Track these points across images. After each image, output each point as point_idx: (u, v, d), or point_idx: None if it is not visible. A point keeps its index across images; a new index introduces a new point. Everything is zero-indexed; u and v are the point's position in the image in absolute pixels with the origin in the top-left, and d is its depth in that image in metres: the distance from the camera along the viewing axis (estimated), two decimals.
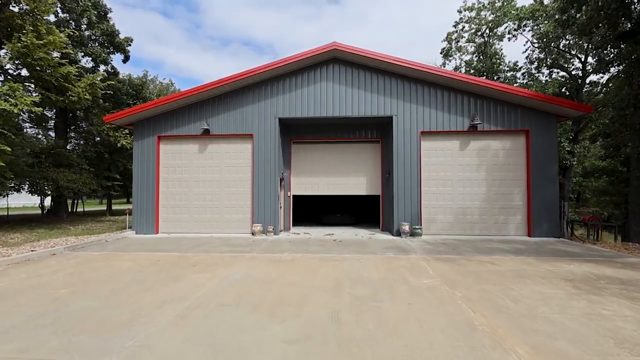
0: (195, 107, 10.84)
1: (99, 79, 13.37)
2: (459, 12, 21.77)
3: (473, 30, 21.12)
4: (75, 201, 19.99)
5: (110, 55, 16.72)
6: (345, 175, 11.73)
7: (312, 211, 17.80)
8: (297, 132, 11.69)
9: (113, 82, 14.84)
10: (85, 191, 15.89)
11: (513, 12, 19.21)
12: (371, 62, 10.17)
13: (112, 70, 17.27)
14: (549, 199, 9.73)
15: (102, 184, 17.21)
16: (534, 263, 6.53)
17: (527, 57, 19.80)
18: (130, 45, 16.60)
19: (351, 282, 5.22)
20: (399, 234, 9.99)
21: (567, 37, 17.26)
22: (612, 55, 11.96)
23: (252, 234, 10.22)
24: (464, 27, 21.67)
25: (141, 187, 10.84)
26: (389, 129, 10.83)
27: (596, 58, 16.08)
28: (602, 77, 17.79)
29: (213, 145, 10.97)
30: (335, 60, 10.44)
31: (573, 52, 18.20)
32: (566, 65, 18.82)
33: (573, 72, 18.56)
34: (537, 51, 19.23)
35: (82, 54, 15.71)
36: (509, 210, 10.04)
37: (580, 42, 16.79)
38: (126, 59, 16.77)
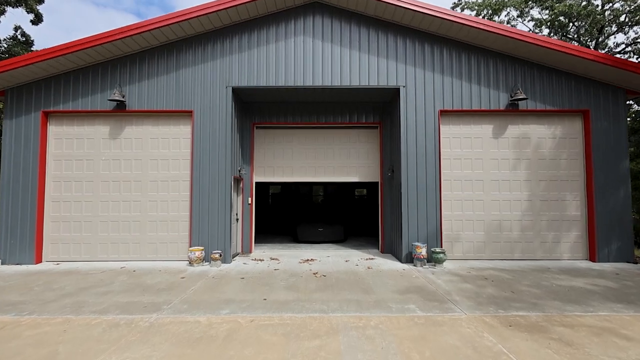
0: (105, 68, 7.13)
1: None
2: None
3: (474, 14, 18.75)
4: None
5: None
6: (330, 173, 8.38)
7: (284, 220, 14.29)
8: (261, 112, 8.24)
9: None
10: None
11: None
12: (370, 9, 6.97)
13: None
14: (619, 207, 6.88)
15: None
16: None
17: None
18: (42, 2, 12.47)
19: None
20: (410, 259, 6.76)
21: None
22: None
23: (189, 262, 6.60)
24: (463, 10, 19.29)
25: (13, 189, 6.92)
26: (393, 108, 7.65)
27: None
28: None
29: (132, 128, 7.28)
30: (318, 7, 7.16)
31: None
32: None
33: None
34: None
35: None
36: (561, 223, 7.10)
37: None
38: (37, 19, 12.63)
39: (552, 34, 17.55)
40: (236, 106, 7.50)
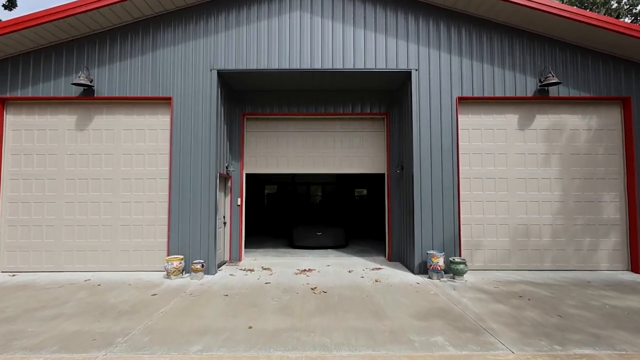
0: (70, 49, 6.15)
1: None
2: None
3: None
4: None
5: None
6: (330, 165, 7.41)
7: (280, 222, 13.32)
8: (253, 101, 7.26)
9: None
10: None
11: None
12: None
13: None
14: None
15: None
16: None
17: None
18: None
19: None
20: (423, 269, 5.80)
21: None
22: None
23: (166, 274, 5.62)
24: None
25: None
26: (403, 96, 6.69)
27: None
28: None
29: (102, 118, 6.29)
30: None
31: None
32: None
33: None
34: None
35: None
36: (598, 228, 6.15)
37: None
38: (10, 4, 11.56)
39: None
40: (224, 94, 6.53)
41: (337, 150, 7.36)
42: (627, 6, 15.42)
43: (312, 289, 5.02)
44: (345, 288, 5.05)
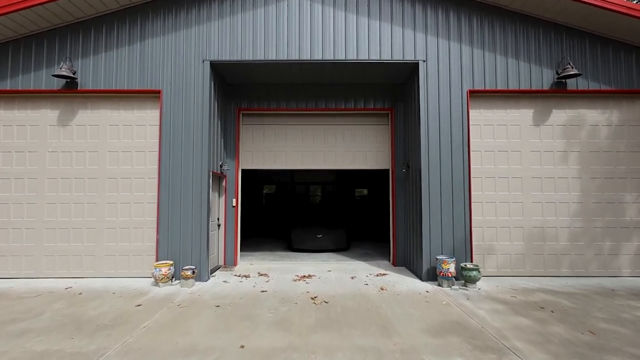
0: (52, 38, 5.72)
1: None
2: None
3: None
4: None
5: None
6: (332, 161, 6.98)
7: (279, 223, 12.91)
8: (249, 96, 6.83)
9: None
10: None
11: None
12: None
13: None
14: None
15: None
16: None
17: None
18: None
19: None
20: (432, 276, 5.38)
21: None
22: None
23: (155, 280, 5.18)
24: None
25: None
26: (409, 90, 6.27)
27: None
28: None
29: (86, 113, 5.86)
30: None
31: None
32: None
33: None
34: None
35: None
36: (619, 231, 5.73)
37: None
38: None
39: None
40: (217, 87, 6.10)
41: (339, 145, 6.93)
42: None
43: (312, 298, 4.59)
44: (348, 297, 4.62)
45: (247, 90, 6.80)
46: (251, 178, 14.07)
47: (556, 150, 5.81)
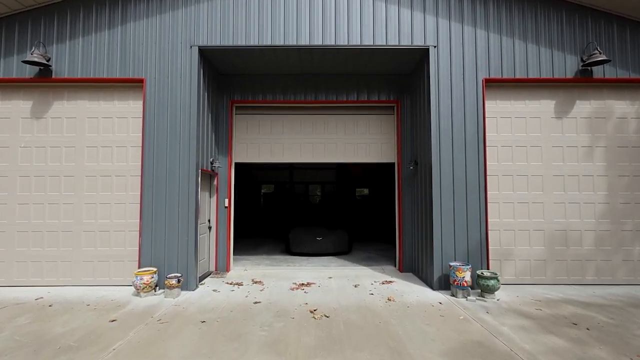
0: (24, 21, 5.18)
1: None
2: None
3: None
4: None
5: None
6: (333, 154, 6.44)
7: (277, 224, 12.38)
8: (242, 87, 6.29)
9: None
10: None
11: None
12: None
13: None
14: None
15: None
16: None
17: None
18: None
19: None
20: (444, 284, 4.85)
21: None
22: None
23: (136, 290, 4.64)
24: None
25: None
26: (417, 80, 5.73)
27: None
28: None
29: (62, 104, 5.32)
30: None
31: None
32: None
33: None
34: None
35: None
36: None
37: None
38: None
39: None
40: (208, 77, 5.56)
41: (340, 136, 6.38)
42: None
43: (311, 311, 4.05)
44: (352, 310, 4.09)
45: (241, 81, 6.26)
46: (249, 178, 13.54)
47: (580, 145, 5.28)
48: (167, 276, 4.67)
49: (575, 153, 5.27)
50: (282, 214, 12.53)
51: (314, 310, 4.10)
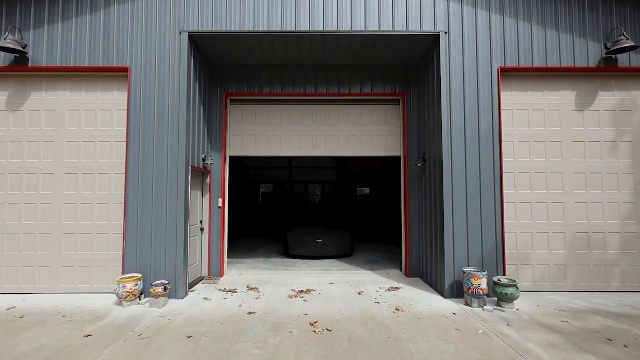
0: None
1: None
2: None
3: None
4: None
5: None
6: (334, 147, 6.02)
7: (276, 224, 11.96)
8: (237, 78, 5.86)
9: None
10: None
11: None
12: None
13: None
14: None
15: None
16: None
17: None
18: None
19: None
20: (457, 292, 4.44)
21: None
22: None
23: (118, 298, 4.21)
24: None
25: None
26: (425, 71, 5.30)
27: None
28: None
29: (41, 95, 4.90)
30: None
31: None
32: None
33: None
34: None
35: None
36: None
37: None
38: None
39: None
40: (200, 67, 5.14)
41: (342, 128, 5.95)
42: None
43: (311, 324, 3.63)
44: (357, 323, 3.66)
45: (236, 73, 5.83)
46: (246, 177, 13.13)
47: (603, 140, 4.86)
48: (153, 284, 4.24)
49: (598, 149, 4.86)
50: (281, 214, 12.11)
51: (315, 322, 3.67)
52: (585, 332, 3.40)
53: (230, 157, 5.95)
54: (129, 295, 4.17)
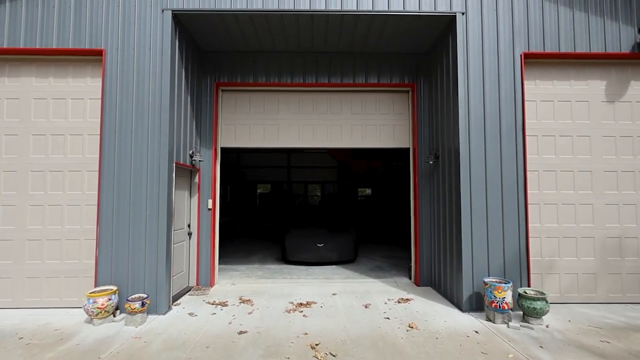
0: None
1: None
2: None
3: None
4: None
5: None
6: (337, 138, 5.48)
7: (273, 226, 11.38)
8: (230, 66, 5.29)
9: None
10: None
11: None
12: None
13: None
14: None
15: None
16: None
17: None
18: None
19: None
20: (476, 304, 3.93)
21: None
22: None
23: (88, 315, 3.63)
24: None
25: None
26: (435, 60, 4.78)
27: None
28: None
29: (2, 82, 4.29)
30: None
31: None
32: None
33: None
34: None
35: None
36: None
37: None
38: None
39: None
40: (186, 52, 4.57)
41: (346, 117, 5.40)
42: None
43: (312, 347, 3.09)
44: (366, 345, 3.13)
45: (228, 61, 5.27)
46: (242, 177, 12.55)
47: (636, 134, 4.38)
48: (128, 298, 3.67)
49: (630, 144, 4.37)
50: (279, 215, 11.55)
51: (316, 344, 3.14)
52: (632, 356, 2.90)
53: (222, 150, 5.38)
54: (101, 312, 3.59)
